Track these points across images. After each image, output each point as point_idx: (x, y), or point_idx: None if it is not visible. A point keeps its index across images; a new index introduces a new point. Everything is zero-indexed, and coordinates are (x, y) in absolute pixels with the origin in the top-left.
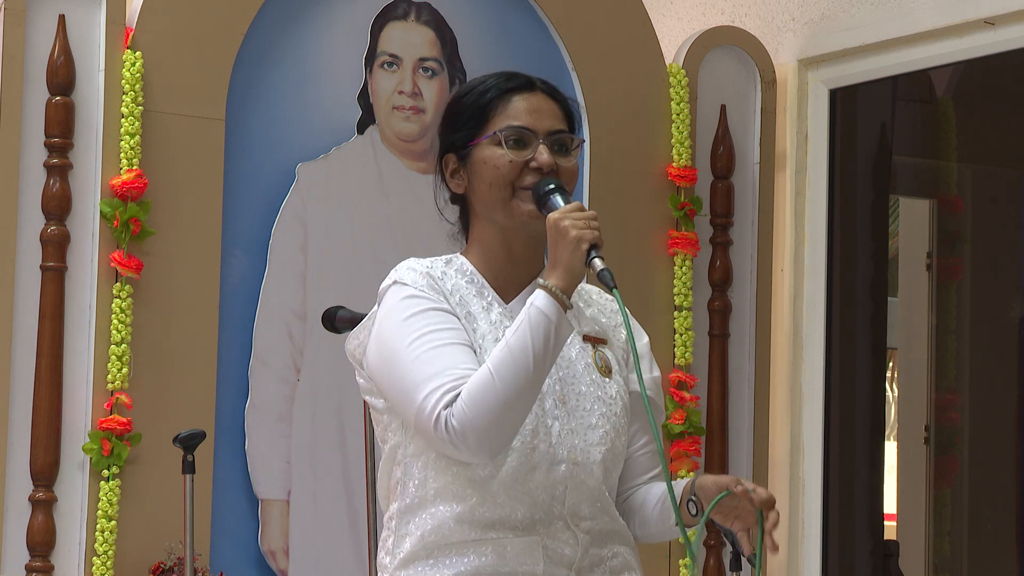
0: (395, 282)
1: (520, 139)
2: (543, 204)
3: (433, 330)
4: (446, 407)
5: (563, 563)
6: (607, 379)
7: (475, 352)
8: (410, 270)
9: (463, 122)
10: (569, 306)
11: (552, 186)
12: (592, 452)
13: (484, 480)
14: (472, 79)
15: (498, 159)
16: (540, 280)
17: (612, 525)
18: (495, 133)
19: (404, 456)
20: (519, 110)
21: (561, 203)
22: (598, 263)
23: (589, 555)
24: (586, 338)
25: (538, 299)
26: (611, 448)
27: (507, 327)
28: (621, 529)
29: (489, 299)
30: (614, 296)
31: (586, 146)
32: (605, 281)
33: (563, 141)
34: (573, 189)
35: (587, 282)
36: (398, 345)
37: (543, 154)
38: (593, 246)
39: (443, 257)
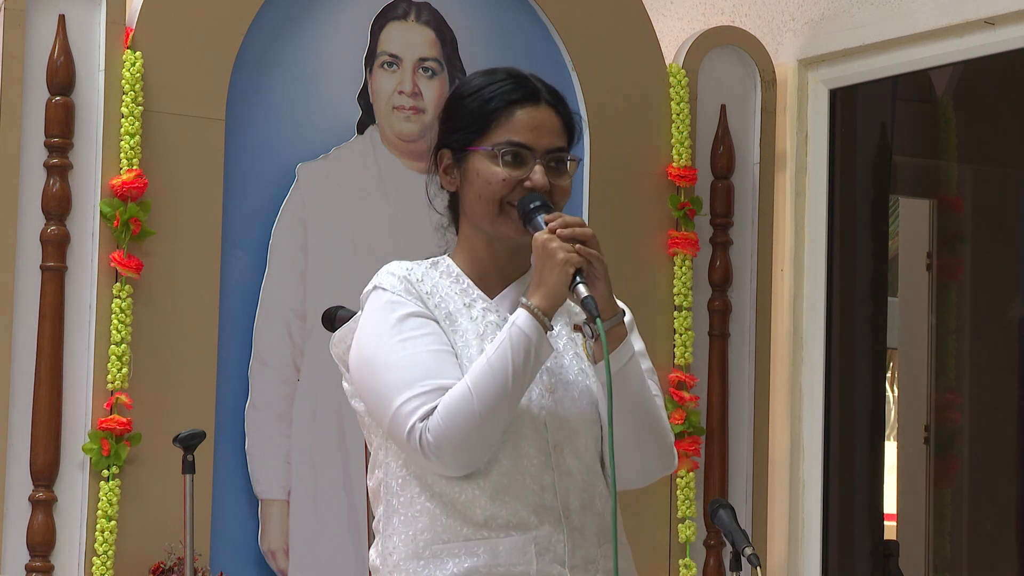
0: (375, 287)
1: (517, 156)
2: (528, 221)
3: (410, 337)
4: (422, 419)
5: (556, 560)
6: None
7: (455, 354)
8: (389, 274)
9: (463, 124)
10: (550, 328)
11: (537, 203)
12: (577, 441)
13: (472, 474)
14: (476, 75)
15: (492, 175)
16: (523, 300)
17: (603, 522)
18: (492, 148)
19: (386, 458)
20: (521, 124)
21: (541, 224)
22: (582, 289)
23: (581, 552)
24: (576, 328)
25: (520, 319)
26: (596, 437)
27: (491, 321)
28: (611, 527)
29: (473, 296)
30: (597, 326)
31: (586, 146)
32: (589, 309)
33: (560, 159)
34: (563, 208)
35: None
36: (375, 352)
37: (538, 175)
38: (578, 271)
39: (430, 259)
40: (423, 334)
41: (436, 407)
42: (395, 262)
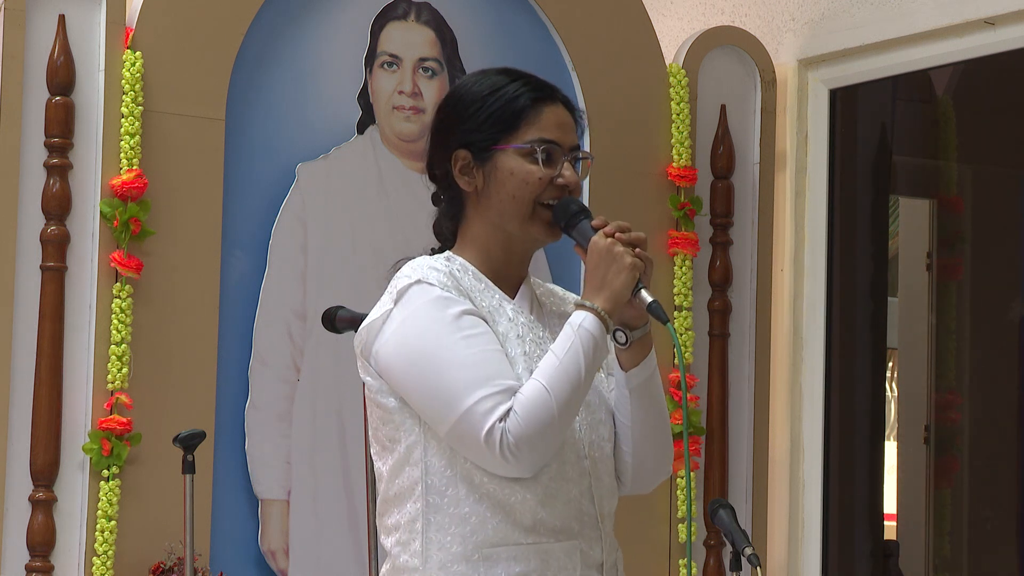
0: (418, 281)
1: (551, 154)
2: (571, 226)
3: (471, 335)
4: (501, 419)
5: (594, 565)
6: (603, 376)
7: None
8: (432, 269)
9: (488, 123)
10: (611, 330)
11: (577, 209)
12: (604, 447)
13: (523, 478)
14: (476, 76)
15: (528, 173)
16: (586, 302)
17: (615, 526)
18: (530, 145)
19: (424, 455)
20: (550, 123)
21: (590, 229)
22: (646, 295)
23: (609, 557)
24: None
25: (587, 321)
26: (613, 444)
27: (522, 323)
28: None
29: (497, 297)
30: (669, 329)
31: (586, 146)
32: (656, 314)
33: (579, 158)
34: None
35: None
36: (432, 348)
37: (568, 171)
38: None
39: (443, 255)
40: (481, 332)
41: (512, 407)
42: (426, 257)
